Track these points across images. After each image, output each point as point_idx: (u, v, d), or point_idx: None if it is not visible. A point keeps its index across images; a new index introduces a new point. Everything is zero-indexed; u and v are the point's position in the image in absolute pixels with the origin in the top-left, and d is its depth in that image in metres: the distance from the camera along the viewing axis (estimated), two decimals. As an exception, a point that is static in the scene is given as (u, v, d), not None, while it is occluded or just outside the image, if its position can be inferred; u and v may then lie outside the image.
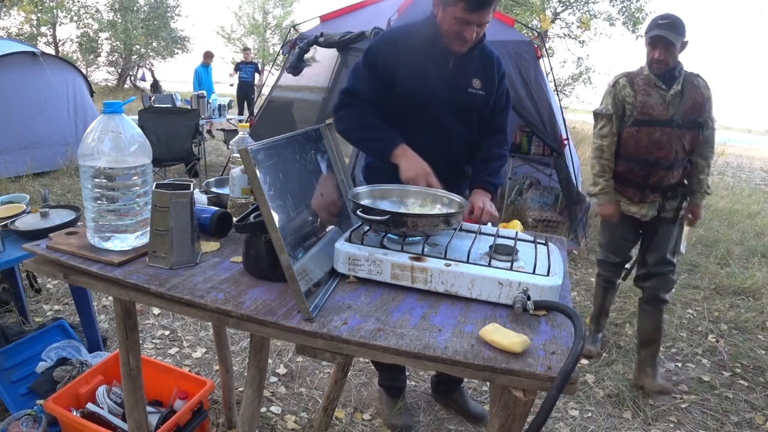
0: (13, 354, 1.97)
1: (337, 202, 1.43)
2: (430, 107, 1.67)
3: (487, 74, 1.73)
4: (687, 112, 2.25)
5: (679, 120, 2.24)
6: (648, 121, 2.26)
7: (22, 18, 17.64)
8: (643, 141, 2.28)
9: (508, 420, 0.94)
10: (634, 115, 2.29)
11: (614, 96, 2.34)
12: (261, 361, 1.29)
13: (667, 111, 2.24)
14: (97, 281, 1.15)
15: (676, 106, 2.25)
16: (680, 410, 2.38)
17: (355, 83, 1.69)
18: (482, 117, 1.77)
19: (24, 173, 5.53)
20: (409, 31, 1.70)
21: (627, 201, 2.43)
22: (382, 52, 1.67)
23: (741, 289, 3.83)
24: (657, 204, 2.37)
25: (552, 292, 1.07)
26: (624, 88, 2.32)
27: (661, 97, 2.25)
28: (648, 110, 2.26)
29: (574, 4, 16.28)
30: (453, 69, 1.67)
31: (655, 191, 2.35)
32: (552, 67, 4.97)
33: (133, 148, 1.18)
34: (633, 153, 2.33)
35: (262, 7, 28.25)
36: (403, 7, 4.20)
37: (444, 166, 1.65)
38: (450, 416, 2.21)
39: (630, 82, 2.31)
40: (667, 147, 2.25)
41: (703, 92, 2.29)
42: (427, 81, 1.65)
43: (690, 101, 2.26)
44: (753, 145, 22.30)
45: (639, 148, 2.30)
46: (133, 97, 1.70)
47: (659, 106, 2.25)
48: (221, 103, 6.91)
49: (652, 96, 2.26)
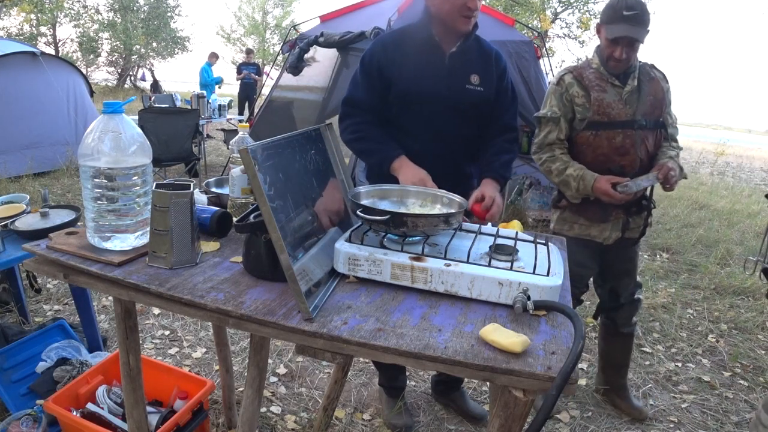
0: (13, 354, 1.97)
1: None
2: (427, 107, 1.67)
3: (486, 70, 1.72)
4: (649, 111, 1.92)
5: (642, 120, 1.90)
6: (607, 123, 1.89)
7: (21, 18, 17.64)
8: (602, 147, 1.91)
9: (508, 420, 0.94)
10: (588, 117, 1.91)
11: (561, 96, 1.95)
12: (261, 361, 1.29)
13: (626, 110, 1.90)
14: (97, 281, 1.15)
15: (634, 105, 1.90)
16: (680, 410, 2.38)
17: (353, 92, 1.71)
18: (485, 115, 1.75)
19: (24, 173, 5.53)
20: (401, 33, 1.72)
21: (585, 223, 2.03)
22: (376, 56, 1.68)
23: (741, 289, 3.83)
24: (620, 222, 2.00)
25: (552, 292, 1.07)
26: (571, 86, 1.94)
27: (617, 94, 1.91)
28: (606, 109, 1.89)
29: (574, 4, 16.29)
30: (449, 67, 1.67)
31: (619, 207, 1.97)
32: (552, 67, 4.97)
33: (133, 148, 1.18)
34: (590, 162, 1.93)
35: (261, 7, 28.27)
36: (403, 7, 4.20)
37: (444, 166, 1.65)
38: (450, 416, 2.21)
39: (577, 79, 1.94)
40: (632, 152, 1.90)
41: (662, 86, 1.97)
42: (423, 81, 1.65)
43: (650, 97, 1.93)
44: (753, 145, 22.32)
45: (597, 156, 1.93)
46: (133, 97, 1.69)
47: (617, 104, 1.90)
48: (221, 103, 6.91)
49: (608, 92, 1.90)
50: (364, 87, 1.69)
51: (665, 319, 3.26)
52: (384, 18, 4.10)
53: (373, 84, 1.67)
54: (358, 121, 1.70)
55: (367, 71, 1.68)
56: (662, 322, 3.23)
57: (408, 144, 1.67)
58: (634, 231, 2.05)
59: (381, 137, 1.69)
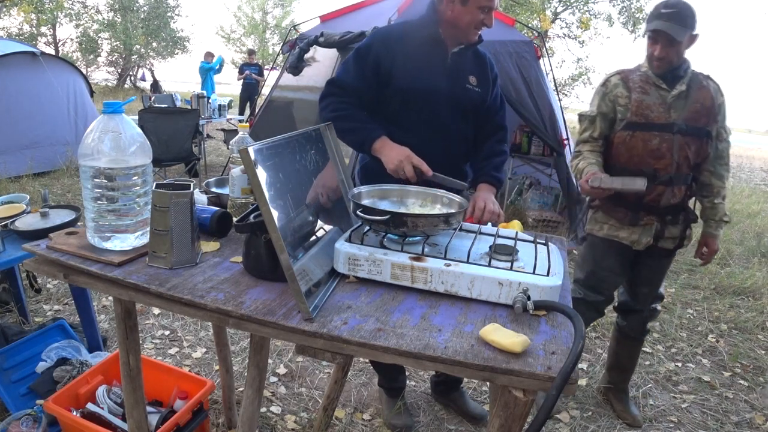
0: (13, 354, 1.97)
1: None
2: (430, 103, 1.67)
3: (482, 73, 1.75)
4: (692, 117, 1.87)
5: (682, 125, 1.86)
6: (644, 125, 1.88)
7: (21, 18, 17.64)
8: (637, 148, 1.90)
9: (508, 420, 0.94)
10: (627, 117, 1.91)
11: (603, 96, 1.97)
12: (261, 361, 1.29)
13: (668, 114, 1.87)
14: (97, 281, 1.15)
15: (679, 110, 1.87)
16: (680, 410, 2.38)
17: (342, 75, 1.69)
18: (480, 115, 1.78)
19: (24, 173, 5.53)
20: (404, 28, 1.71)
21: (615, 224, 2.00)
22: (374, 49, 1.66)
23: (741, 289, 3.83)
24: (653, 229, 1.96)
25: (552, 292, 1.07)
26: (616, 87, 1.95)
27: (661, 97, 1.88)
28: (644, 111, 1.88)
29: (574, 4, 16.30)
30: (450, 65, 1.68)
31: (651, 212, 1.94)
32: (552, 67, 4.97)
33: (133, 148, 1.18)
34: (625, 162, 1.93)
35: (261, 7, 28.29)
36: (403, 7, 4.20)
37: (442, 164, 1.65)
38: (450, 416, 2.21)
39: (624, 81, 1.95)
40: (668, 156, 1.87)
41: (713, 96, 1.91)
42: (426, 77, 1.66)
43: (696, 104, 1.88)
44: (753, 145, 22.32)
45: (632, 157, 1.91)
46: (133, 97, 1.69)
47: (658, 107, 1.88)
48: (221, 103, 6.91)
49: (651, 95, 1.89)
50: (354, 74, 1.67)
51: (665, 319, 3.26)
52: (384, 18, 4.09)
53: (365, 75, 1.66)
54: (343, 100, 1.67)
55: (362, 61, 1.67)
56: (662, 322, 3.23)
57: (407, 140, 1.66)
58: (668, 241, 1.99)
59: (364, 118, 1.67)
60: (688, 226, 2.01)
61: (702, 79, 1.94)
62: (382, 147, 1.61)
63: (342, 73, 1.69)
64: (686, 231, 2.01)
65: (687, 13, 1.79)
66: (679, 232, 1.99)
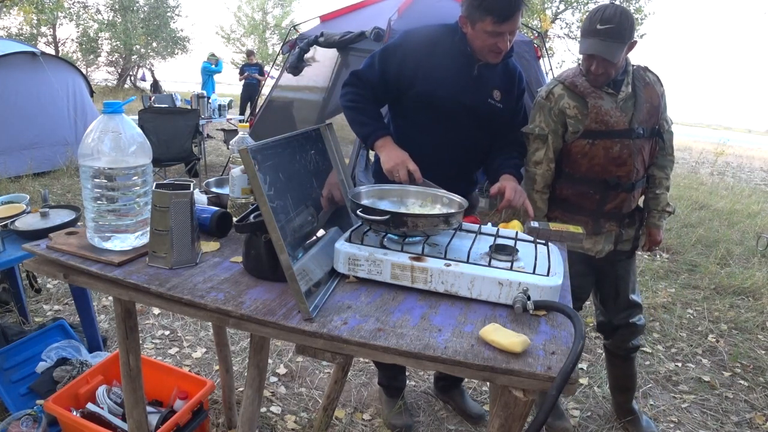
0: (13, 354, 1.97)
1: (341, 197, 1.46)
2: (448, 110, 1.69)
3: (508, 88, 1.75)
4: (645, 119, 1.81)
5: (640, 129, 1.79)
6: (606, 132, 1.77)
7: (21, 18, 17.64)
8: (599, 157, 1.80)
9: (508, 420, 0.94)
10: (585, 125, 1.78)
11: (549, 111, 1.82)
12: (261, 361, 1.29)
13: (623, 118, 1.78)
14: (97, 281, 1.15)
15: (630, 112, 1.78)
16: (680, 410, 2.38)
17: (366, 70, 1.72)
18: (499, 127, 1.78)
19: (24, 173, 5.53)
20: (435, 35, 1.70)
21: None
22: (401, 51, 1.68)
23: (741, 289, 3.83)
24: (613, 235, 1.91)
25: (552, 292, 1.07)
26: (561, 98, 1.80)
27: (613, 101, 1.78)
28: (604, 117, 1.77)
29: (574, 4, 16.30)
30: (476, 78, 1.68)
31: (612, 219, 1.89)
32: (552, 67, 4.97)
33: (133, 148, 1.18)
34: (585, 172, 1.84)
35: (261, 7, 28.29)
36: (403, 8, 4.20)
37: (454, 170, 1.67)
38: (450, 416, 2.21)
39: (569, 88, 1.80)
40: (629, 163, 1.80)
41: (657, 90, 1.85)
42: (449, 86, 1.66)
43: (647, 104, 1.81)
44: (753, 145, 22.33)
45: (593, 167, 1.82)
46: (133, 97, 1.70)
47: (615, 112, 1.77)
48: (221, 103, 6.91)
49: (605, 100, 1.78)
50: (377, 72, 1.70)
51: (665, 319, 3.26)
52: (384, 18, 4.09)
53: (387, 74, 1.69)
54: (361, 93, 1.71)
55: (387, 61, 1.69)
56: (662, 322, 3.23)
57: (420, 139, 1.68)
58: (626, 243, 1.95)
59: (375, 114, 1.72)
60: (642, 224, 1.99)
61: (642, 74, 1.85)
62: (384, 146, 1.65)
63: (366, 67, 1.72)
64: (640, 230, 1.99)
65: (624, 26, 1.64)
66: (634, 231, 1.96)
